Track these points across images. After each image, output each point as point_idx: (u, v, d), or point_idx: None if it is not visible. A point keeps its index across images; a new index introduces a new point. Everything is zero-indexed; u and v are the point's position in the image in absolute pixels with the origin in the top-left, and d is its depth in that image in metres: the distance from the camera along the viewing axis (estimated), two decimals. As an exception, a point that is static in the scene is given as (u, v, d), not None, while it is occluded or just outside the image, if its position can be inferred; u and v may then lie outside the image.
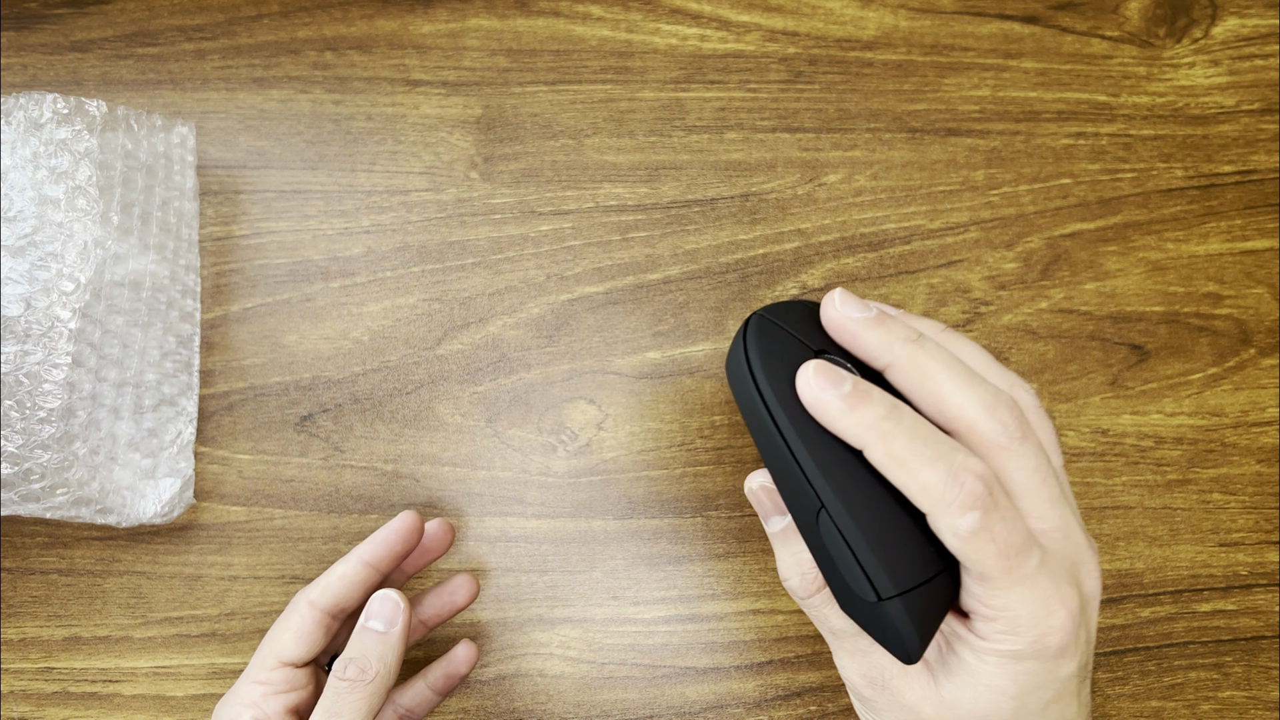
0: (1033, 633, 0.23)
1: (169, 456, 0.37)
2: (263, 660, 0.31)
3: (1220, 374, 0.41)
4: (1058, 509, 0.24)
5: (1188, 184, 0.42)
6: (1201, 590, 0.39)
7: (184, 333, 0.38)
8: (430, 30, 0.42)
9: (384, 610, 0.31)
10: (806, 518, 0.25)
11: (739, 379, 0.26)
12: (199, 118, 0.41)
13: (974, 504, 0.23)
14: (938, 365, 0.24)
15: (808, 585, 0.27)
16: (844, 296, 0.26)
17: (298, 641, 0.31)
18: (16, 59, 0.41)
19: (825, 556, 0.25)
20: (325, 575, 0.32)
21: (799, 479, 0.24)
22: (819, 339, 0.26)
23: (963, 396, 0.24)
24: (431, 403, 0.39)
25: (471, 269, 0.40)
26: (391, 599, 0.31)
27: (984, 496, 0.23)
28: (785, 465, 0.25)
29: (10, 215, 0.34)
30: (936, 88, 0.42)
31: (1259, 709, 0.38)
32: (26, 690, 0.37)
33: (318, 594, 0.32)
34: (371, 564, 0.33)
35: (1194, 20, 0.44)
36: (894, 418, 0.23)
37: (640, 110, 0.42)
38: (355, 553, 0.33)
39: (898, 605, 0.24)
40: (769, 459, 0.25)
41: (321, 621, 0.31)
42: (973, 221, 0.41)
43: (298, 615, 0.31)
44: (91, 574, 0.38)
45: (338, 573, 0.32)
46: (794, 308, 0.27)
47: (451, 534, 0.36)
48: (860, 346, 0.25)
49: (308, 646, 0.31)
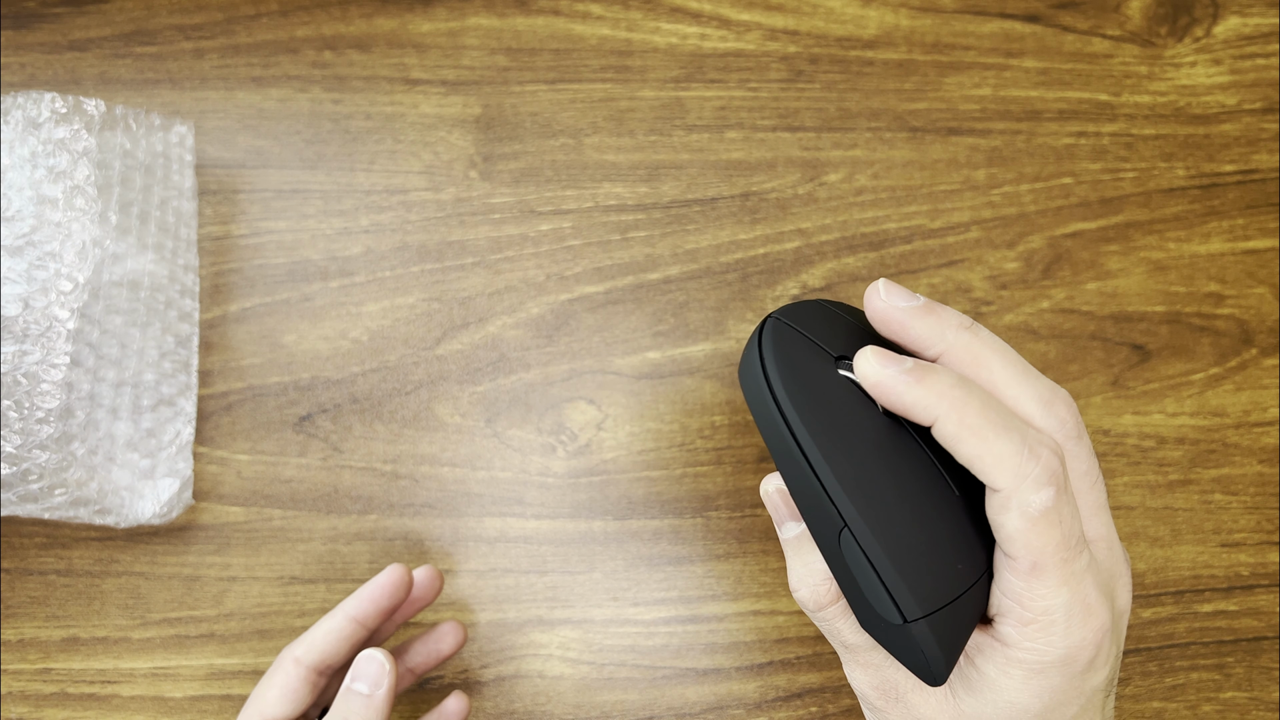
0: (1066, 641, 0.22)
1: (167, 457, 0.37)
2: (248, 718, 0.31)
3: (1222, 374, 0.40)
4: (1104, 516, 0.24)
5: (1189, 183, 0.42)
6: (1203, 591, 0.39)
7: (182, 333, 0.38)
8: (429, 29, 0.42)
9: (369, 672, 0.30)
10: (827, 535, 0.24)
11: (755, 389, 0.24)
12: (197, 117, 0.41)
13: (1050, 480, 0.21)
14: (994, 354, 0.23)
15: (819, 598, 0.25)
16: (889, 286, 0.24)
17: (283, 700, 0.31)
18: (15, 58, 0.41)
19: (846, 575, 0.24)
20: (311, 631, 0.32)
21: (819, 496, 0.23)
22: (840, 343, 0.25)
23: (1019, 389, 0.23)
24: (431, 403, 0.39)
25: (471, 269, 0.40)
26: (377, 660, 0.30)
27: (1059, 474, 0.21)
28: (805, 481, 0.23)
29: (8, 215, 0.33)
30: (937, 87, 0.42)
31: (1260, 710, 0.38)
32: (25, 691, 0.37)
33: (303, 651, 0.31)
34: (358, 620, 0.32)
35: (1195, 19, 0.44)
36: (965, 387, 0.22)
37: (640, 109, 0.42)
38: (342, 608, 0.32)
39: (924, 627, 0.23)
40: (786, 473, 0.24)
41: (307, 678, 0.31)
42: (974, 221, 0.41)
43: (283, 673, 0.31)
44: (90, 574, 0.38)
45: (323, 629, 0.32)
46: (809, 309, 0.26)
47: (440, 581, 0.36)
48: (910, 336, 0.24)
49: (294, 704, 0.31)
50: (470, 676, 0.37)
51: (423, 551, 0.38)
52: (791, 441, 0.23)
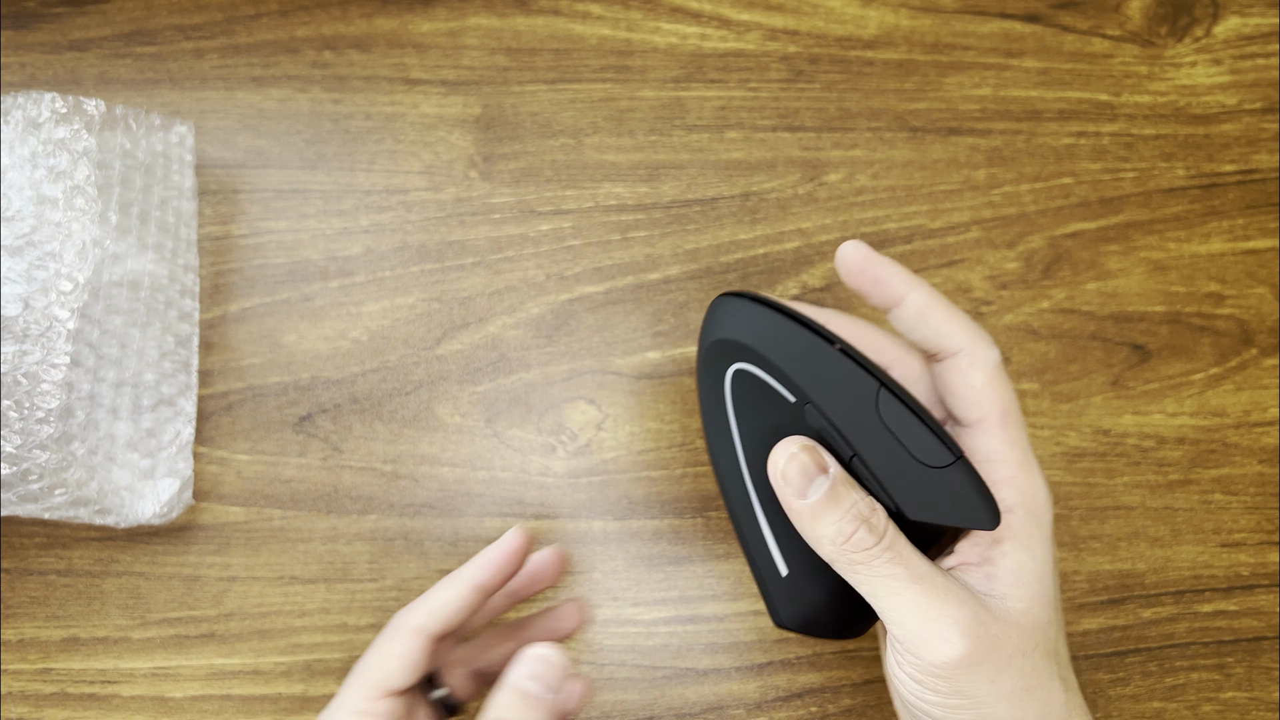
0: (1042, 481, 0.27)
1: (167, 457, 0.37)
2: (365, 690, 0.29)
3: (1222, 374, 0.40)
4: None
5: (1189, 183, 0.42)
6: (1203, 591, 0.39)
7: (182, 333, 0.38)
8: (429, 29, 0.42)
9: (545, 673, 0.27)
10: (863, 406, 0.26)
11: (716, 425, 0.28)
12: (197, 117, 0.41)
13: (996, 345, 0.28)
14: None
15: (878, 525, 0.25)
16: (857, 244, 0.28)
17: (404, 670, 0.29)
18: (15, 58, 0.41)
19: (884, 444, 0.26)
20: (430, 599, 0.30)
21: (847, 374, 0.26)
22: (803, 374, 0.27)
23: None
24: (431, 403, 0.39)
25: (471, 269, 0.40)
26: (554, 663, 0.28)
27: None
28: (831, 373, 0.26)
29: (8, 215, 0.33)
30: (938, 87, 0.42)
31: (1260, 710, 0.38)
32: (25, 691, 0.37)
33: (424, 620, 0.30)
34: (483, 588, 0.31)
35: (1195, 19, 0.44)
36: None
37: (640, 109, 0.42)
38: (464, 575, 0.31)
39: (968, 463, 0.25)
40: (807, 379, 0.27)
41: (426, 648, 0.30)
42: (974, 221, 0.41)
43: (402, 643, 0.30)
44: (90, 574, 0.38)
45: (444, 597, 0.30)
46: (764, 326, 0.27)
47: (564, 565, 0.35)
48: (884, 273, 0.28)
49: (414, 675, 0.29)
50: (470, 676, 0.37)
51: (423, 552, 0.38)
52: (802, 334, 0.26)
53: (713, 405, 0.28)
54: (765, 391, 0.27)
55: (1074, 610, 0.38)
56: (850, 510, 0.25)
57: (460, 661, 0.33)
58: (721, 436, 0.28)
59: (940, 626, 0.24)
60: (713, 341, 0.28)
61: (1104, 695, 0.38)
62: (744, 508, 0.28)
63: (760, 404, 0.27)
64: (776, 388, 0.27)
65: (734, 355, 0.27)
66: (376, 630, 0.37)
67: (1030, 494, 0.27)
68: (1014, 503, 0.27)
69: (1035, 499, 0.27)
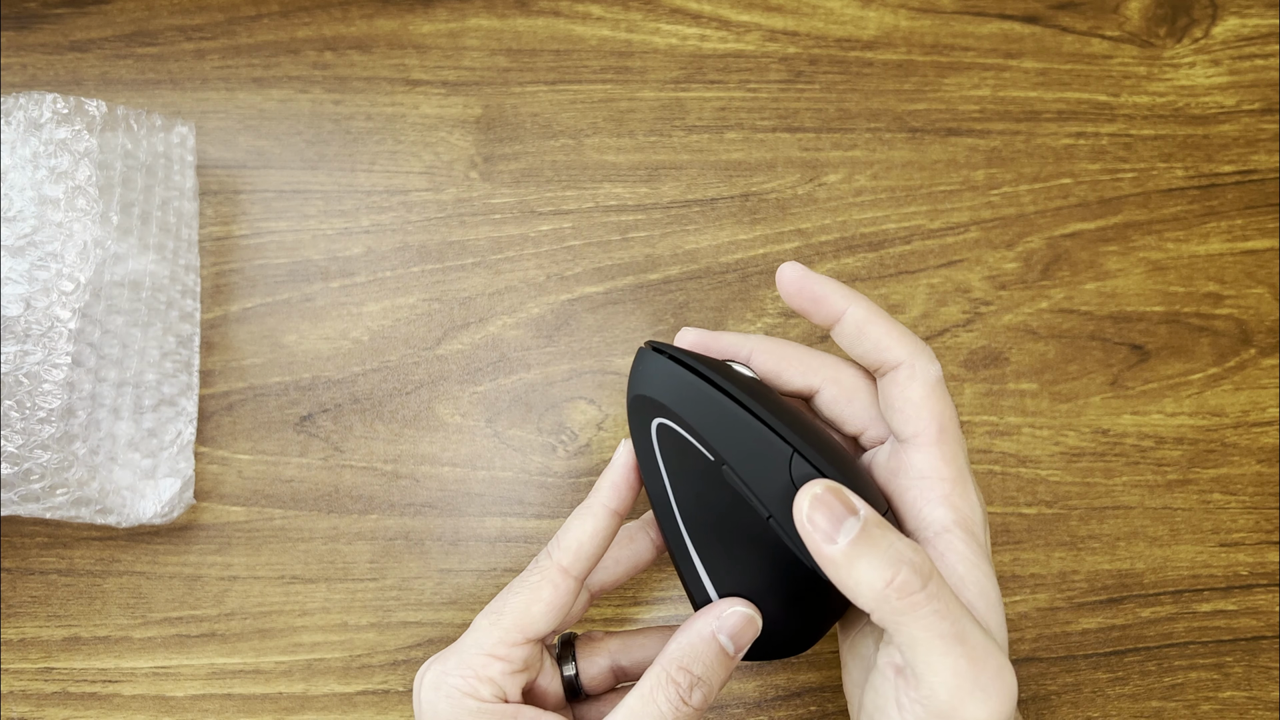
0: (977, 499, 0.27)
1: (169, 457, 0.37)
2: (504, 633, 0.27)
3: (1221, 374, 0.40)
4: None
5: (1188, 184, 0.42)
6: (1202, 590, 0.39)
7: (184, 333, 0.38)
8: (430, 30, 0.42)
9: (739, 628, 0.26)
10: (774, 473, 0.26)
11: (647, 467, 0.28)
12: (199, 117, 0.41)
13: (937, 360, 0.27)
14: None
15: (924, 567, 0.24)
16: (794, 265, 0.28)
17: (550, 615, 0.27)
18: (16, 59, 0.41)
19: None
20: (572, 534, 0.28)
21: (760, 436, 0.27)
22: (717, 437, 0.27)
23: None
24: (431, 403, 0.39)
25: (471, 269, 0.40)
26: (754, 621, 0.27)
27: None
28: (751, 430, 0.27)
29: (10, 215, 0.34)
30: (937, 87, 0.42)
31: (1259, 709, 0.38)
32: (26, 690, 0.37)
33: (571, 560, 0.27)
34: (620, 512, 0.28)
35: (1194, 20, 0.44)
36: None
37: (640, 110, 0.42)
38: (599, 503, 0.28)
39: None
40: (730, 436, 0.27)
41: (574, 590, 0.27)
42: (973, 221, 0.41)
43: (551, 586, 0.27)
44: (91, 574, 0.38)
45: (589, 531, 0.28)
46: (679, 386, 0.27)
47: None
48: (824, 291, 0.28)
49: (558, 619, 0.27)
50: (471, 676, 0.37)
51: (424, 552, 0.38)
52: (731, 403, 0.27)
53: (643, 449, 0.28)
54: (687, 447, 0.27)
55: (1073, 610, 0.38)
56: (888, 552, 0.23)
57: (602, 651, 0.31)
58: (652, 475, 0.28)
59: (977, 693, 0.23)
60: (635, 395, 0.28)
61: (1103, 695, 0.38)
62: (675, 539, 0.28)
63: (684, 457, 0.27)
64: (696, 446, 0.27)
65: (655, 410, 0.27)
66: (378, 629, 0.37)
67: (966, 513, 0.26)
68: (949, 522, 0.26)
69: (971, 518, 0.26)
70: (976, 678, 0.23)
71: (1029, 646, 0.38)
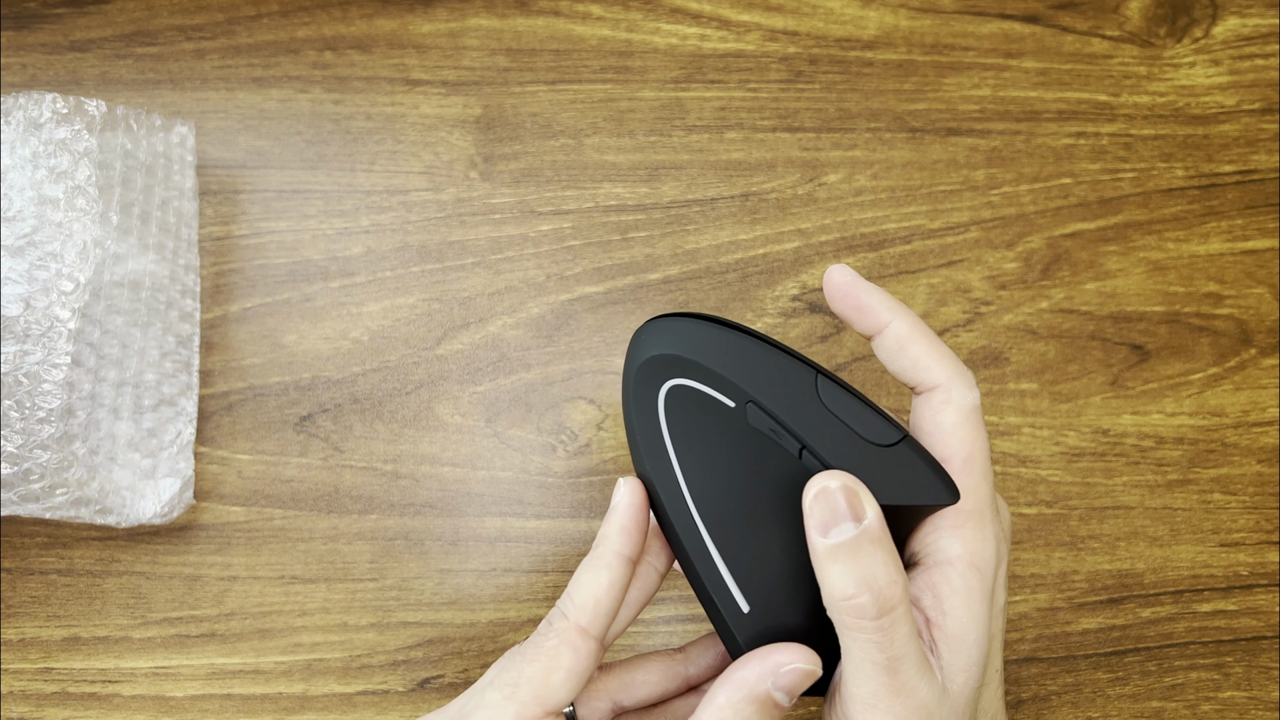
0: (995, 532, 0.26)
1: (168, 457, 0.37)
2: (521, 707, 0.24)
3: (1221, 374, 0.40)
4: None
5: (1188, 184, 0.42)
6: (1202, 590, 0.39)
7: (183, 333, 0.38)
8: (430, 30, 0.42)
9: (792, 683, 0.25)
10: (802, 391, 0.25)
11: (653, 457, 0.26)
12: (198, 117, 0.41)
13: (977, 388, 0.27)
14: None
15: (897, 591, 0.23)
16: (843, 268, 0.27)
17: (571, 683, 0.25)
18: (16, 58, 0.41)
19: (833, 427, 0.25)
20: (586, 590, 0.25)
21: (783, 366, 0.26)
22: (739, 373, 0.26)
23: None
24: (431, 403, 0.39)
25: (471, 269, 0.40)
26: (806, 670, 0.25)
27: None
28: (772, 373, 0.26)
29: (9, 215, 0.34)
30: (937, 87, 0.42)
31: (1260, 709, 0.38)
32: (26, 691, 0.37)
33: (589, 618, 0.25)
34: (633, 559, 0.26)
35: (1194, 20, 0.44)
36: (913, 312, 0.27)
37: (640, 110, 0.42)
38: (610, 551, 0.26)
39: (913, 441, 0.25)
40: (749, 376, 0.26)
41: (597, 653, 0.25)
42: (973, 221, 0.41)
43: (571, 651, 0.25)
44: (91, 574, 0.38)
45: (604, 583, 0.25)
46: (693, 335, 0.26)
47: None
48: (871, 302, 0.27)
49: (581, 687, 0.25)
50: (471, 676, 0.37)
51: (423, 552, 0.38)
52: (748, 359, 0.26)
53: (646, 435, 0.26)
54: (703, 403, 0.26)
55: (1074, 610, 0.38)
56: (864, 571, 0.23)
57: (601, 694, 0.29)
58: (660, 468, 0.26)
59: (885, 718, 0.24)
60: (643, 362, 0.26)
61: (1103, 695, 0.38)
62: (693, 542, 0.26)
63: (698, 419, 0.26)
64: (714, 395, 0.26)
65: (666, 372, 0.26)
66: (377, 629, 0.37)
67: (976, 548, 0.25)
68: (954, 555, 0.25)
69: (980, 554, 0.25)
70: (891, 708, 0.24)
71: (1029, 646, 0.38)
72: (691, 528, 0.26)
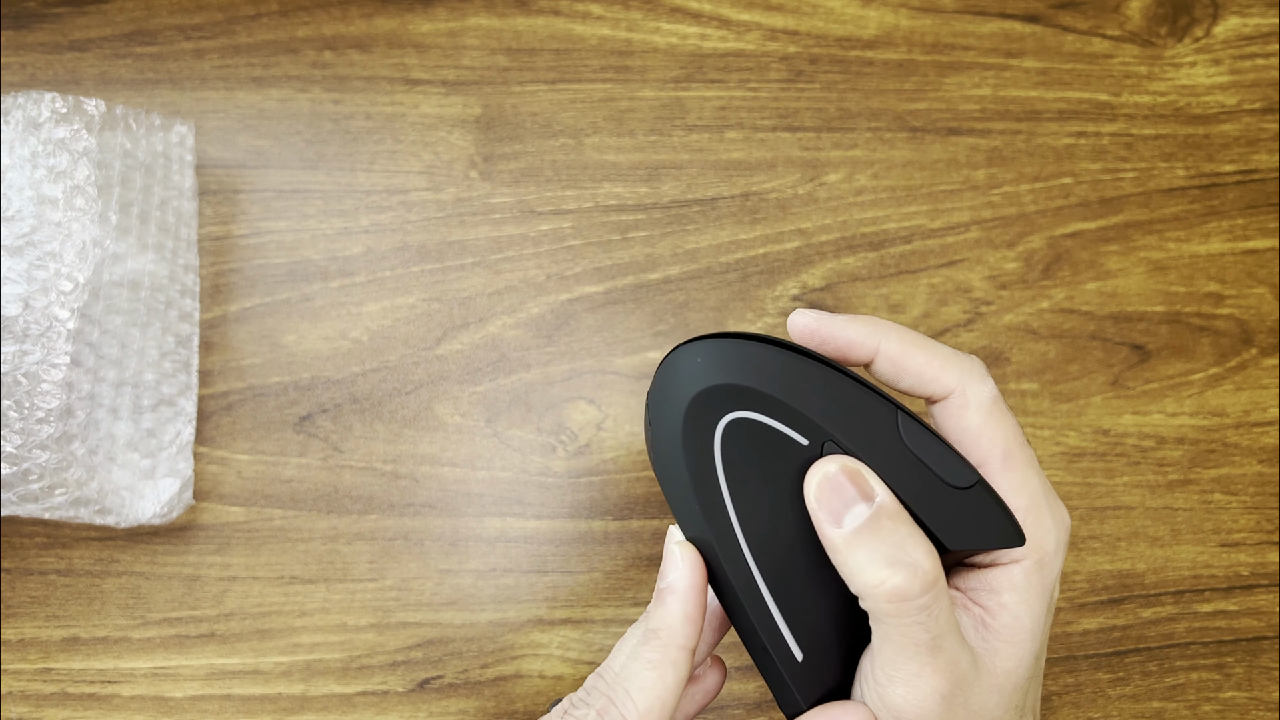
0: (1054, 523, 0.25)
1: (168, 457, 0.37)
2: None
3: (1222, 374, 0.40)
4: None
5: (1189, 183, 0.42)
6: (1203, 591, 0.39)
7: (183, 332, 0.38)
8: (429, 29, 0.42)
9: None
10: (883, 438, 0.24)
11: (701, 492, 0.24)
12: (198, 117, 0.41)
13: (989, 376, 0.25)
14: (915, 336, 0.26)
15: (930, 570, 0.22)
16: (804, 311, 0.26)
17: None
18: (15, 58, 0.41)
19: (914, 468, 0.24)
20: (651, 695, 0.23)
21: (859, 396, 0.24)
22: (817, 408, 0.24)
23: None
24: (431, 403, 0.39)
25: (471, 269, 0.40)
26: None
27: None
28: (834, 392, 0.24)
29: (8, 215, 0.33)
30: (937, 87, 0.42)
31: (1260, 709, 0.38)
32: (25, 691, 0.37)
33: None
34: (695, 649, 0.25)
35: (1195, 19, 0.44)
36: (892, 321, 0.26)
37: (640, 109, 0.42)
38: (675, 645, 0.24)
39: (985, 483, 0.24)
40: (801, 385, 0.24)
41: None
42: (974, 221, 0.41)
43: None
44: (90, 574, 0.38)
45: (670, 685, 0.24)
46: (764, 363, 0.24)
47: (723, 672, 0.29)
48: (847, 337, 0.25)
49: None
50: (470, 676, 0.37)
51: (423, 552, 0.38)
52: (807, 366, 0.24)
53: (696, 470, 0.24)
54: (770, 440, 0.24)
55: (1074, 610, 0.38)
56: (893, 551, 0.22)
57: None
58: (709, 504, 0.24)
59: (926, 699, 0.23)
60: (700, 392, 0.24)
61: (1104, 695, 0.38)
62: (744, 584, 0.24)
63: (759, 457, 0.24)
64: (785, 432, 0.24)
65: (725, 405, 0.24)
66: (377, 630, 0.37)
67: (1039, 541, 0.24)
68: (1019, 553, 0.24)
69: (1043, 547, 0.24)
70: (935, 687, 0.23)
71: (1030, 647, 0.38)
72: (747, 579, 0.24)
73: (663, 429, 0.24)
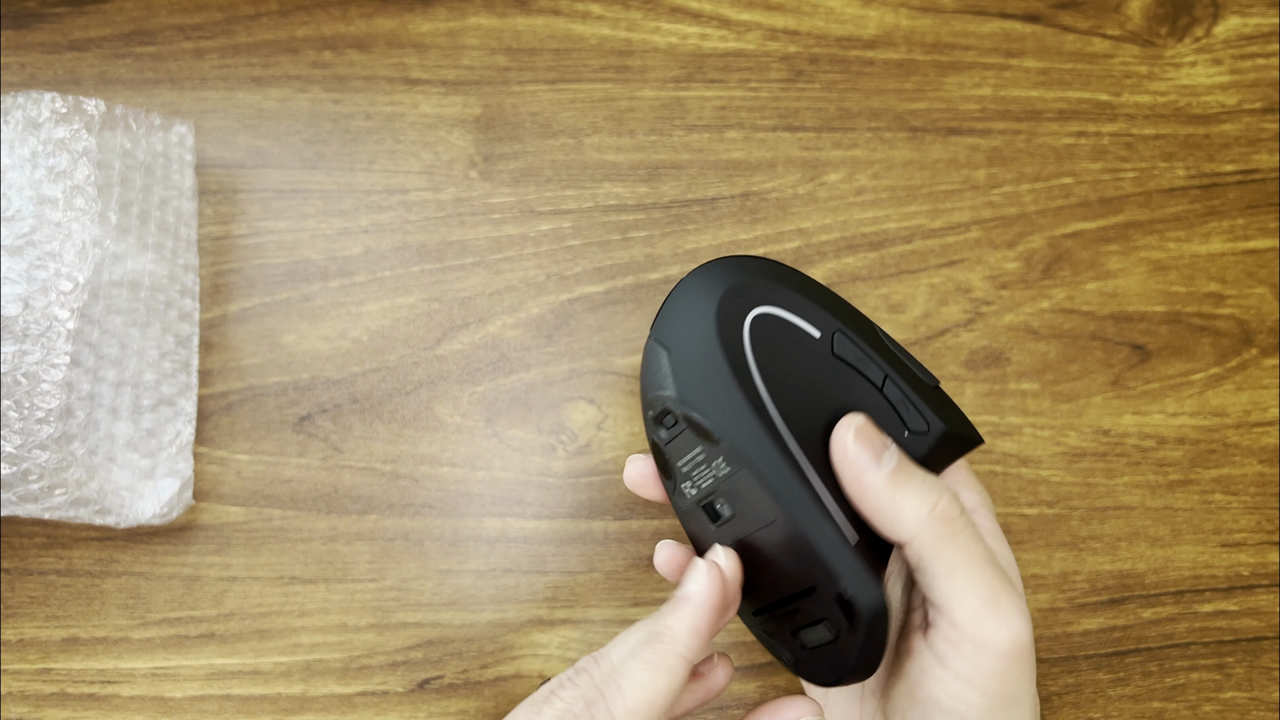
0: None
1: (167, 457, 0.37)
2: None
3: (1222, 374, 0.40)
4: None
5: (1189, 183, 0.42)
6: (1203, 591, 0.39)
7: (182, 332, 0.38)
8: (429, 29, 0.42)
9: None
10: (873, 337, 0.27)
11: (737, 383, 0.25)
12: (197, 117, 0.41)
13: None
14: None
15: (951, 503, 0.24)
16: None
17: None
18: (14, 58, 0.41)
19: (900, 365, 0.27)
20: (642, 694, 0.23)
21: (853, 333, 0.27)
22: (821, 304, 0.27)
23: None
24: (431, 403, 0.39)
25: (471, 269, 0.40)
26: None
27: None
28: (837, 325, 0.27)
29: (8, 214, 0.33)
30: (938, 87, 0.42)
31: (1261, 710, 0.38)
32: (25, 691, 0.37)
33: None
34: (695, 663, 0.25)
35: (1196, 19, 0.44)
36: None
37: (640, 109, 0.42)
38: (675, 654, 0.24)
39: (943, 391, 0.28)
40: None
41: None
42: (974, 221, 0.41)
43: None
44: (90, 575, 0.38)
45: (662, 689, 0.23)
46: (776, 271, 0.28)
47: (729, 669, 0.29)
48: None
49: None
50: (470, 676, 0.37)
51: (423, 552, 0.38)
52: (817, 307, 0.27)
53: (730, 362, 0.24)
54: (788, 332, 0.26)
55: (1074, 610, 0.38)
56: (927, 480, 0.24)
57: None
58: (744, 398, 0.24)
59: (1005, 607, 0.23)
60: (727, 289, 0.25)
61: (1104, 695, 0.38)
62: (791, 482, 0.24)
63: (782, 349, 0.25)
64: (800, 325, 0.26)
65: (748, 302, 0.26)
66: (377, 630, 0.37)
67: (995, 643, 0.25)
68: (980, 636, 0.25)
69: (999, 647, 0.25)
70: (1006, 594, 0.24)
71: (1030, 647, 0.38)
72: (790, 466, 0.24)
73: (690, 335, 0.25)
